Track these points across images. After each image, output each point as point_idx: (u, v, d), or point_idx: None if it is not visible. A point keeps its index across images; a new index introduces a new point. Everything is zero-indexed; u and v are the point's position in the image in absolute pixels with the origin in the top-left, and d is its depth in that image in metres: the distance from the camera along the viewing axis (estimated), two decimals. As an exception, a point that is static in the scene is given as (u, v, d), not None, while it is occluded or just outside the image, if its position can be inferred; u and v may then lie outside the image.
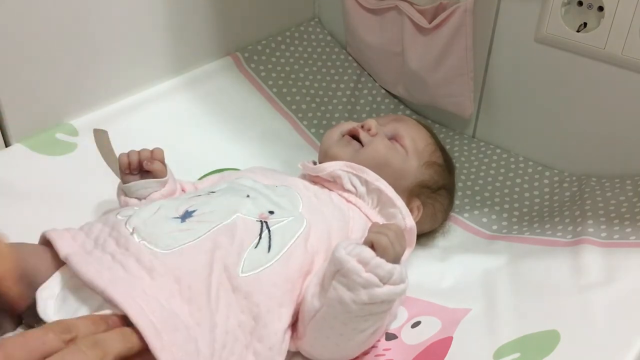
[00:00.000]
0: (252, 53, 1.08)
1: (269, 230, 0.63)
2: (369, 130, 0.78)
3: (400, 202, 0.73)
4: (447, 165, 0.84)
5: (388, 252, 0.58)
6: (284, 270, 0.61)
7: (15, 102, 0.80)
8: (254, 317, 0.58)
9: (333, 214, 0.70)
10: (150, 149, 0.74)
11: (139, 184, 0.73)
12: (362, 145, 0.77)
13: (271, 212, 0.66)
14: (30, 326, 0.56)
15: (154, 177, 0.73)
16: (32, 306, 0.54)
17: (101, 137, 0.87)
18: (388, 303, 0.59)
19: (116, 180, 0.77)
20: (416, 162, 0.79)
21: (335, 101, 1.09)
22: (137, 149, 0.75)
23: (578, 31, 0.87)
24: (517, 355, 0.60)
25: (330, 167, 0.74)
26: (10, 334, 0.54)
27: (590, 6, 0.85)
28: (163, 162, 0.74)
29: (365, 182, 0.74)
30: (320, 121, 1.06)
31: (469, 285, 0.74)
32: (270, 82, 1.07)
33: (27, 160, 0.81)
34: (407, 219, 0.73)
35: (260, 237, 0.62)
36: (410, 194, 0.78)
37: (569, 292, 0.67)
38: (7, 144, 0.82)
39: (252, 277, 0.59)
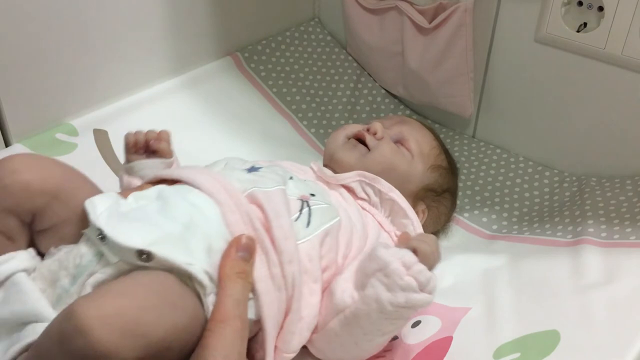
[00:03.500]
0: (252, 53, 1.08)
1: (309, 208, 0.64)
2: (374, 133, 0.78)
3: (412, 213, 0.73)
4: (451, 168, 0.84)
5: (429, 261, 0.59)
6: (320, 247, 0.62)
7: (15, 102, 0.80)
8: (292, 285, 0.58)
9: (356, 216, 0.69)
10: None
11: (144, 163, 0.71)
12: (368, 149, 0.77)
13: (312, 195, 0.66)
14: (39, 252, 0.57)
15: (160, 157, 0.72)
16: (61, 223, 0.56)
17: (101, 137, 0.87)
18: (415, 309, 0.59)
19: (117, 180, 0.77)
20: (422, 166, 0.79)
21: (335, 101, 1.09)
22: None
23: (578, 31, 0.87)
24: (517, 355, 0.60)
25: (345, 180, 0.74)
26: (22, 252, 0.55)
27: (590, 6, 0.85)
28: (169, 144, 0.73)
29: (379, 192, 0.73)
30: (320, 121, 1.06)
31: (469, 284, 0.74)
32: (270, 82, 1.07)
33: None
34: (418, 231, 0.72)
35: (300, 213, 0.63)
36: (416, 198, 0.78)
37: (569, 292, 0.67)
38: (7, 144, 0.82)
39: None
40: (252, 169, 0.67)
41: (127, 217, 0.56)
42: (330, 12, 1.17)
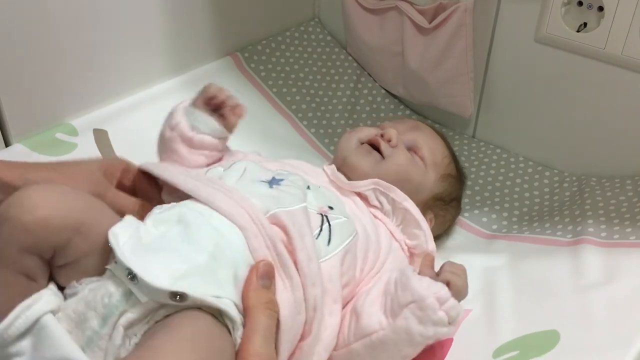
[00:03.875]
0: (252, 53, 1.08)
1: (329, 224, 0.62)
2: (389, 140, 0.77)
3: (425, 224, 0.72)
4: (459, 177, 0.84)
5: (460, 295, 0.59)
6: (341, 266, 0.61)
7: (15, 102, 0.80)
8: (314, 308, 0.57)
9: (370, 226, 0.69)
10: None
11: (208, 119, 0.69)
12: (383, 157, 0.76)
13: (330, 208, 0.65)
14: (60, 287, 0.54)
15: (222, 125, 0.70)
16: (82, 257, 0.54)
17: (101, 137, 0.87)
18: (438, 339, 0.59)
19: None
20: (433, 175, 0.78)
21: (335, 101, 1.09)
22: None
23: (578, 31, 0.87)
24: (515, 352, 0.60)
25: (360, 188, 0.72)
26: (46, 291, 0.52)
27: (590, 6, 0.85)
28: (238, 122, 0.71)
29: (392, 201, 0.72)
30: (320, 121, 1.06)
31: (469, 284, 0.74)
32: (270, 82, 1.07)
33: (27, 160, 0.81)
34: (429, 243, 0.72)
35: (321, 229, 0.61)
36: (424, 207, 0.77)
37: (569, 292, 0.67)
38: (7, 144, 0.82)
39: None
40: (274, 182, 0.64)
41: (151, 249, 0.53)
42: (330, 12, 1.17)
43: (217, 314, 0.51)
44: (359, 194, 0.73)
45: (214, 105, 0.70)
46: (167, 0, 0.93)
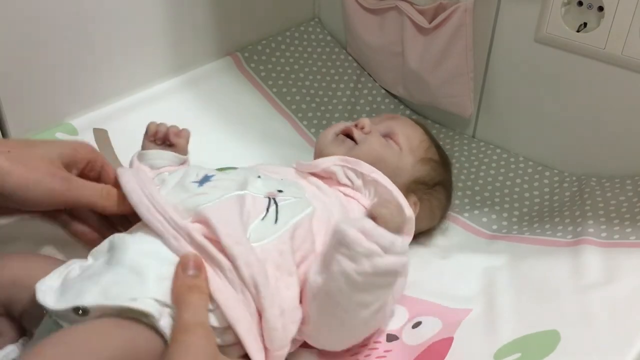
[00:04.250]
0: (252, 53, 1.08)
1: (277, 205, 0.64)
2: (362, 128, 0.79)
3: (397, 191, 0.73)
4: (442, 161, 0.85)
5: (389, 223, 0.59)
6: (291, 241, 0.62)
7: (15, 102, 0.80)
8: (255, 285, 0.58)
9: (334, 203, 0.70)
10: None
11: (159, 153, 0.74)
12: (356, 144, 0.78)
13: (280, 191, 0.67)
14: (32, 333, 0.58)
15: (176, 152, 0.75)
16: (29, 308, 0.57)
17: (101, 137, 0.87)
18: (392, 275, 0.59)
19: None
20: (411, 158, 0.80)
21: (335, 101, 1.09)
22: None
23: (578, 31, 0.87)
24: (517, 355, 0.60)
25: (324, 164, 0.74)
26: (11, 346, 0.57)
27: (590, 6, 0.85)
28: (187, 143, 0.77)
29: (361, 175, 0.74)
30: (320, 121, 1.06)
31: (469, 285, 0.74)
32: (270, 82, 1.07)
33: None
34: (405, 209, 0.73)
35: (267, 211, 0.63)
36: (407, 191, 0.78)
37: (569, 292, 0.67)
38: (7, 144, 0.82)
39: (258, 248, 0.60)
40: (205, 179, 0.67)
41: (77, 280, 0.56)
42: (330, 12, 1.17)
43: (139, 315, 0.53)
44: (327, 177, 0.75)
45: (161, 140, 0.75)
46: (167, 1, 0.93)
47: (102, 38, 0.87)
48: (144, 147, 0.75)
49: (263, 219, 0.62)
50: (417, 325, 0.69)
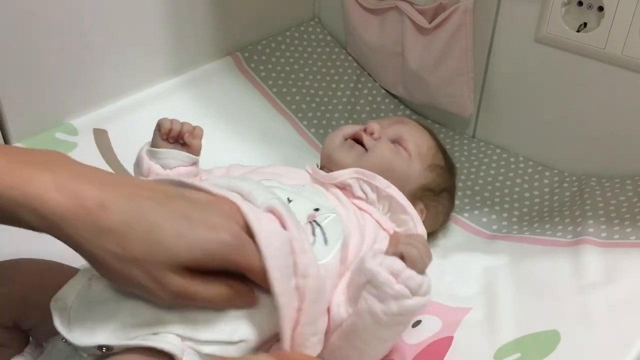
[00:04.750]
0: (252, 53, 1.08)
1: (321, 227, 0.62)
2: (372, 134, 0.78)
3: (411, 208, 0.72)
4: (448, 168, 0.84)
5: (418, 264, 0.58)
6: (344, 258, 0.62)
7: (15, 102, 0.80)
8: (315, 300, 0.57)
9: (351, 218, 0.69)
10: (193, 125, 0.73)
11: (172, 153, 0.71)
12: (366, 150, 0.77)
13: (316, 210, 0.65)
14: (39, 344, 0.58)
15: (189, 152, 0.72)
16: (40, 323, 0.57)
17: (101, 137, 0.87)
18: (414, 313, 0.59)
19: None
20: (419, 165, 0.79)
21: (335, 101, 1.09)
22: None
23: (578, 31, 0.87)
24: (517, 355, 0.60)
25: (341, 177, 0.73)
26: (19, 357, 0.57)
27: (590, 6, 0.85)
28: (201, 142, 0.73)
29: (376, 189, 0.73)
30: (320, 121, 1.06)
31: (469, 284, 0.74)
32: (270, 82, 1.07)
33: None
34: (418, 226, 0.72)
35: (314, 236, 0.61)
36: (414, 198, 0.77)
37: (569, 292, 0.67)
38: (7, 144, 0.82)
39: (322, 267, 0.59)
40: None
41: (94, 303, 0.54)
42: (330, 12, 1.17)
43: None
44: (342, 188, 0.73)
45: (173, 138, 0.72)
46: (168, 1, 0.93)
47: (102, 38, 0.87)
48: (154, 144, 0.72)
49: (314, 244, 0.60)
50: (417, 324, 0.69)
